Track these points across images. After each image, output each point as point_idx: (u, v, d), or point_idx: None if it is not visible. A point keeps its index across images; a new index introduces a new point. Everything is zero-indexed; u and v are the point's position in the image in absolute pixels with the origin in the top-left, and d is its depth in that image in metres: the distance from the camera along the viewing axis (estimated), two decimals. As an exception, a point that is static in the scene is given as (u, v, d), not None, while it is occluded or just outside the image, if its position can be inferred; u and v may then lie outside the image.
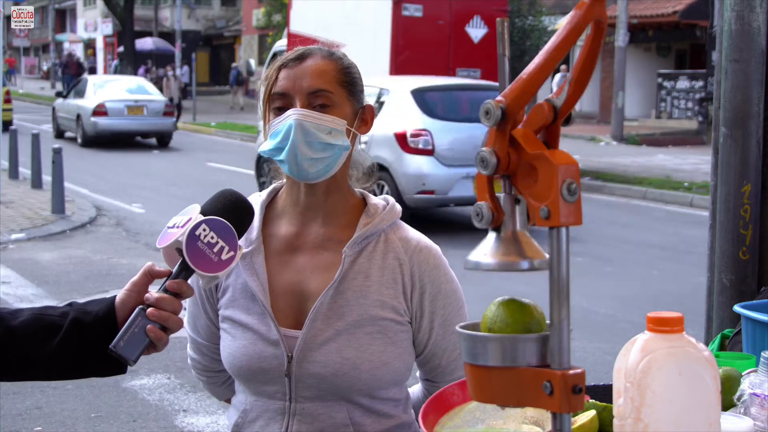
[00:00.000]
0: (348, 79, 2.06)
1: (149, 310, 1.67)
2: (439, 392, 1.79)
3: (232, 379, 2.28)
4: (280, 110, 2.01)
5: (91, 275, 9.43)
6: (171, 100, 26.70)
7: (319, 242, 2.08)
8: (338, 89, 2.03)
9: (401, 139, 11.18)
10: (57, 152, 13.11)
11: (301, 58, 2.04)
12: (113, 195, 14.95)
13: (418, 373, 2.24)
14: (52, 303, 8.15)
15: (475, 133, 11.16)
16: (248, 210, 1.84)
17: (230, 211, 1.77)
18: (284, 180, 2.15)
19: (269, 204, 2.14)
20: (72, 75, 38.34)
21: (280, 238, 2.09)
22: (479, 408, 1.72)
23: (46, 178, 14.01)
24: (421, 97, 11.69)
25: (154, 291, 1.71)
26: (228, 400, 2.36)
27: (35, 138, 14.89)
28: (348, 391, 2.02)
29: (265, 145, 2.03)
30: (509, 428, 1.68)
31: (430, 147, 11.26)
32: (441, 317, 2.09)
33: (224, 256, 1.71)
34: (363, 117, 2.08)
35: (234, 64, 40.13)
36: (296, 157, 1.98)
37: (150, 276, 1.73)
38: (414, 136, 11.24)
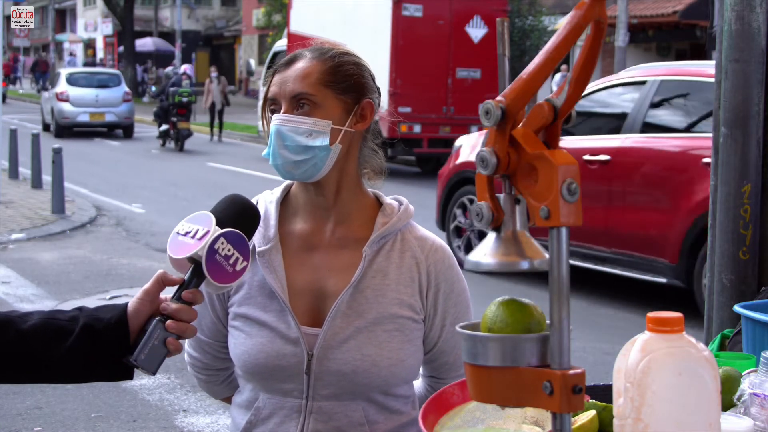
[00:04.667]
0: (335, 78, 2.06)
1: (168, 322, 1.69)
2: (439, 392, 1.79)
3: (231, 377, 2.29)
4: (272, 115, 2.07)
5: (91, 275, 9.43)
6: (212, 107, 24.07)
7: (335, 241, 2.10)
8: (321, 90, 2.03)
9: (57, 95, 24.96)
10: (57, 152, 13.11)
11: (290, 62, 2.08)
12: (113, 195, 14.95)
13: (420, 370, 2.26)
14: (52, 303, 8.15)
15: (91, 94, 25.26)
16: (257, 217, 1.89)
17: (241, 218, 1.81)
18: None
19: (282, 200, 2.16)
20: (42, 72, 44.69)
21: (296, 236, 2.11)
22: (479, 408, 1.72)
23: (46, 178, 14.01)
24: (70, 76, 26.03)
25: (167, 299, 1.73)
26: (226, 399, 2.36)
27: (35, 138, 14.89)
28: (366, 388, 2.04)
29: (265, 150, 2.08)
30: (509, 428, 1.68)
31: (67, 99, 24.84)
32: (453, 315, 2.12)
33: (238, 267, 1.74)
34: (361, 113, 2.09)
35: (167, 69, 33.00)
36: (278, 162, 2.03)
37: (162, 284, 1.75)
38: (61, 93, 24.96)
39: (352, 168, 2.10)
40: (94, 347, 1.69)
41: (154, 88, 27.06)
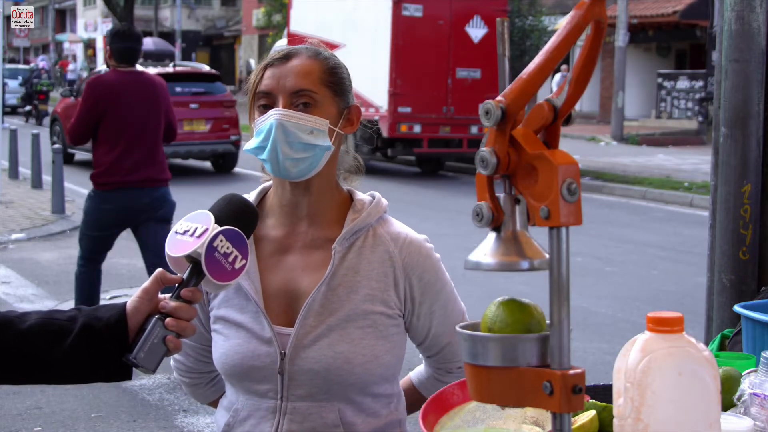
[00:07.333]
0: (333, 79, 2.07)
1: (167, 320, 1.68)
2: (439, 392, 1.80)
3: (215, 381, 2.32)
4: (265, 108, 2.04)
5: (91, 275, 9.41)
6: None
7: (308, 241, 2.10)
8: (322, 89, 2.04)
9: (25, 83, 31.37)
10: (57, 152, 13.11)
11: (286, 57, 2.06)
12: (113, 195, 14.93)
13: (423, 366, 2.27)
14: (52, 303, 8.14)
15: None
16: (255, 216, 1.87)
17: (239, 216, 1.80)
18: (271, 180, 2.16)
19: (258, 205, 2.15)
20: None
21: (270, 239, 2.11)
22: (479, 408, 1.73)
23: (46, 178, 14.01)
24: (35, 72, 31.59)
25: (166, 298, 1.72)
26: (212, 404, 2.37)
27: (35, 138, 14.89)
28: (341, 387, 2.03)
29: (250, 143, 2.06)
30: (509, 428, 1.68)
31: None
32: (443, 299, 2.12)
33: (237, 265, 1.73)
34: (349, 117, 2.10)
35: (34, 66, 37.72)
36: (277, 157, 2.00)
37: (161, 283, 1.74)
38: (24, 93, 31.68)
39: (332, 169, 2.10)
40: (93, 346, 1.68)
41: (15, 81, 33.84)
